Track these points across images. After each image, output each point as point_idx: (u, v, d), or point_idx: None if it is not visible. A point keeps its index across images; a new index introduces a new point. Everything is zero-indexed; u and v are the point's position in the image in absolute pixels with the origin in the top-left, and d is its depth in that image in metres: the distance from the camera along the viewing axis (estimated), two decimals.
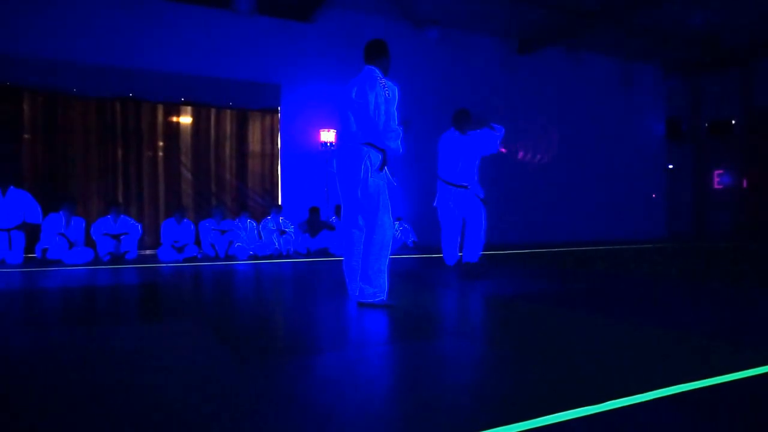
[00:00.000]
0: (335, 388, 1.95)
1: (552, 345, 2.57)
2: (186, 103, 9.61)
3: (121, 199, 8.92)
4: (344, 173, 3.64)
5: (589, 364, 2.21)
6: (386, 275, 3.57)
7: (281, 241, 8.85)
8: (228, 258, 8.12)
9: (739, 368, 2.06)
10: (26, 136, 8.57)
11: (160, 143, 9.49)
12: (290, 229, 9.05)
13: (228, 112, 9.95)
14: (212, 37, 9.57)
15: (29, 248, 7.68)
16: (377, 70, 3.96)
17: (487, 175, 12.13)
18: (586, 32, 12.01)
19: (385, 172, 3.66)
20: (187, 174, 9.66)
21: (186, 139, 9.67)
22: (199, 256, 8.18)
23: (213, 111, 9.82)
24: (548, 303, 3.82)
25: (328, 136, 10.25)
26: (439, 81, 11.73)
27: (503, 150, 4.98)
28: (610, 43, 13.08)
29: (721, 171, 15.68)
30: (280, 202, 10.01)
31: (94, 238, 7.73)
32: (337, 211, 9.59)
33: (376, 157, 3.60)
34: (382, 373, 2.15)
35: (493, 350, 2.52)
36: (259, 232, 8.88)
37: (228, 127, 9.97)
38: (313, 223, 9.32)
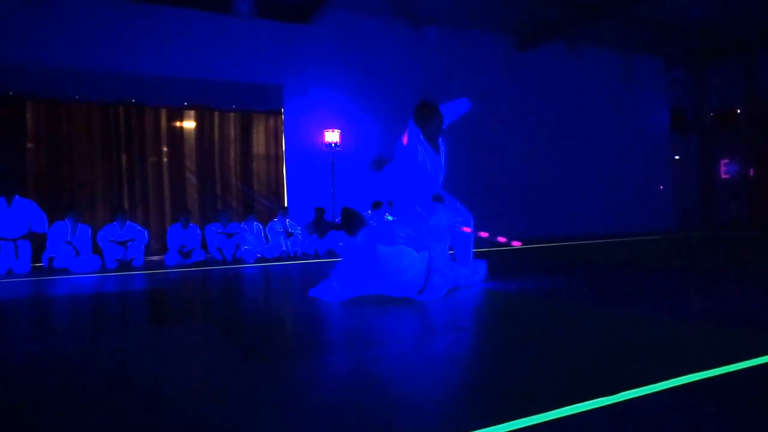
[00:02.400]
0: (347, 387, 1.94)
1: (570, 338, 2.52)
2: (189, 107, 9.57)
3: (126, 206, 8.88)
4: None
5: (608, 356, 2.16)
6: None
7: (288, 243, 8.81)
8: (236, 261, 8.07)
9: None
10: (30, 145, 8.55)
11: (164, 148, 9.45)
12: (297, 230, 9.00)
13: (231, 115, 9.91)
14: (213, 40, 9.54)
15: (36, 257, 7.65)
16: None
17: (491, 170, 12.11)
18: (586, 26, 11.92)
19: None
20: (192, 178, 9.62)
21: (190, 143, 9.63)
22: (206, 260, 8.14)
23: (216, 114, 9.79)
24: (564, 296, 3.76)
25: (332, 136, 10.20)
26: (439, 79, 11.68)
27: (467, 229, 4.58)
28: (611, 37, 12.98)
29: (727, 161, 15.55)
30: (286, 204, 9.96)
31: (100, 245, 7.70)
32: None
33: None
34: (394, 372, 2.12)
35: (508, 345, 2.47)
36: (265, 235, 8.83)
37: (232, 130, 9.94)
38: (319, 224, 9.26)
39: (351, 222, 3.97)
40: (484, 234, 4.06)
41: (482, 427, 1.44)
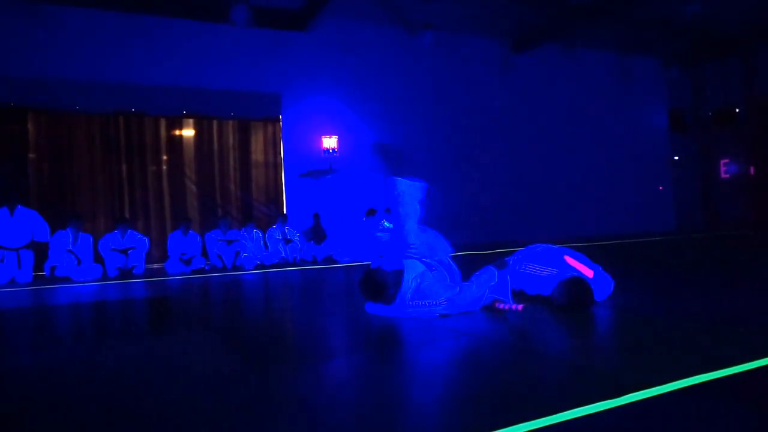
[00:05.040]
0: (347, 392, 1.96)
1: (576, 340, 2.54)
2: (188, 116, 9.66)
3: (127, 214, 8.97)
4: None
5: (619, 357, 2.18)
6: None
7: (287, 249, 8.86)
8: (235, 268, 8.13)
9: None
10: (32, 155, 8.65)
11: (164, 156, 9.54)
12: (296, 237, 9.06)
13: (230, 123, 9.99)
14: (211, 49, 9.63)
15: (38, 266, 7.72)
16: None
17: (488, 173, 12.14)
18: (581, 28, 11.95)
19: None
20: (191, 186, 9.70)
21: (189, 152, 9.72)
22: (206, 267, 8.21)
23: (215, 122, 9.87)
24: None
25: (330, 142, 10.26)
26: (436, 84, 11.74)
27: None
28: (606, 38, 12.99)
29: (727, 160, 15.52)
30: (285, 211, 10.03)
31: (101, 254, 7.77)
32: None
33: None
34: (393, 377, 2.14)
35: (514, 347, 2.50)
36: (265, 242, 8.89)
37: (230, 137, 10.02)
38: (317, 230, 9.32)
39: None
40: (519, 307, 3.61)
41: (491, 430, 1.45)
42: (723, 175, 15.65)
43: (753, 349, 2.18)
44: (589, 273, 3.50)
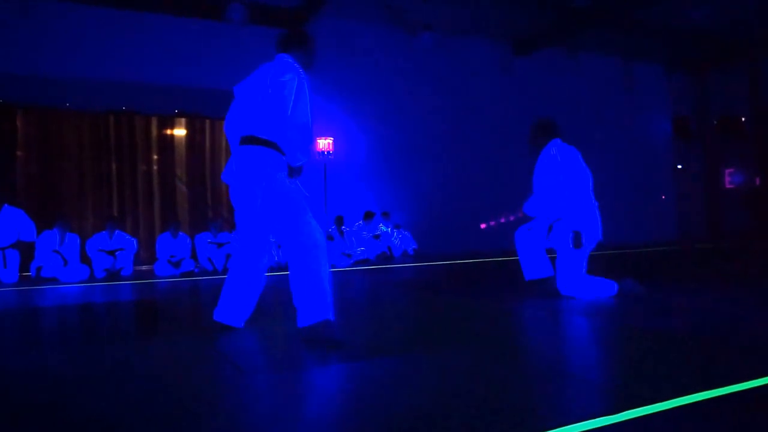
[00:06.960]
0: (340, 400, 1.91)
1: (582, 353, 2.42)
2: (180, 115, 9.56)
3: (116, 214, 8.86)
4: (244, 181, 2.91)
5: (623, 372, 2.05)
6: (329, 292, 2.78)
7: (278, 253, 8.72)
8: (225, 272, 8.00)
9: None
10: (20, 153, 8.57)
11: (155, 156, 9.44)
12: None
13: (222, 123, 9.88)
14: (204, 48, 9.53)
15: (24, 267, 7.62)
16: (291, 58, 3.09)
17: (487, 178, 11.98)
18: (584, 32, 11.81)
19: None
20: (182, 187, 9.60)
21: (180, 152, 9.62)
22: (195, 270, 8.07)
23: (207, 122, 9.77)
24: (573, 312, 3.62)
25: (324, 143, 10.16)
26: (436, 87, 11.61)
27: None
28: (610, 43, 12.86)
29: (732, 170, 15.33)
30: None
31: (89, 254, 7.66)
32: (337, 221, 9.46)
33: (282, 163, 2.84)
34: (388, 385, 2.04)
35: (510, 359, 2.38)
36: None
37: (223, 138, 9.90)
38: None
39: None
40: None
41: None
42: (727, 185, 15.47)
43: (756, 366, 2.06)
44: None
